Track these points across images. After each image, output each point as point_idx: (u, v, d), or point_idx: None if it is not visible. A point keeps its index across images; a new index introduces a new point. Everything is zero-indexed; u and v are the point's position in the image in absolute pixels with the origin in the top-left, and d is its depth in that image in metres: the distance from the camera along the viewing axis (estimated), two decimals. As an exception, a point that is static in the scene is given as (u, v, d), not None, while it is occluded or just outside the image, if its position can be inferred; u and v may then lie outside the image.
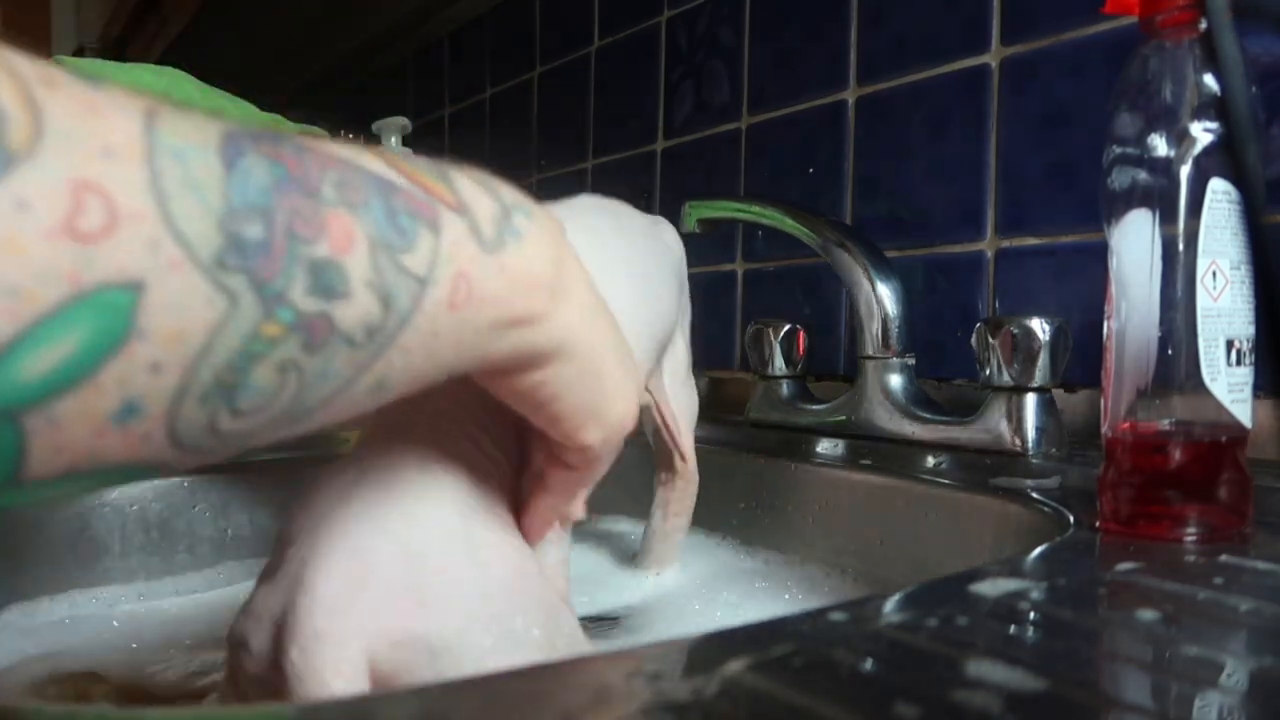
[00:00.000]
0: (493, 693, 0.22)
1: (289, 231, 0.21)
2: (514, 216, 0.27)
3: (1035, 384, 0.59)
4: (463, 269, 0.24)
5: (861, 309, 0.68)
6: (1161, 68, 0.36)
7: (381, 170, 0.24)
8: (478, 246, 0.25)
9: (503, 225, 0.26)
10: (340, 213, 0.22)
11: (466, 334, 0.25)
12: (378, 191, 0.23)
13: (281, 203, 0.21)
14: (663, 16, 1.02)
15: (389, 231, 0.23)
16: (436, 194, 0.25)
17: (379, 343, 0.23)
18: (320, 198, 0.22)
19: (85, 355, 0.18)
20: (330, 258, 0.21)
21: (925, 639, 0.25)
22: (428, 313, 0.24)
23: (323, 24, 1.45)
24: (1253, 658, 0.25)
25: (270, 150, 0.21)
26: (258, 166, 0.20)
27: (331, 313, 0.22)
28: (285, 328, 0.21)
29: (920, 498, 0.54)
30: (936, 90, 0.75)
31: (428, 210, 0.24)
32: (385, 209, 0.23)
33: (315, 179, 0.22)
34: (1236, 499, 0.36)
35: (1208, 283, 0.36)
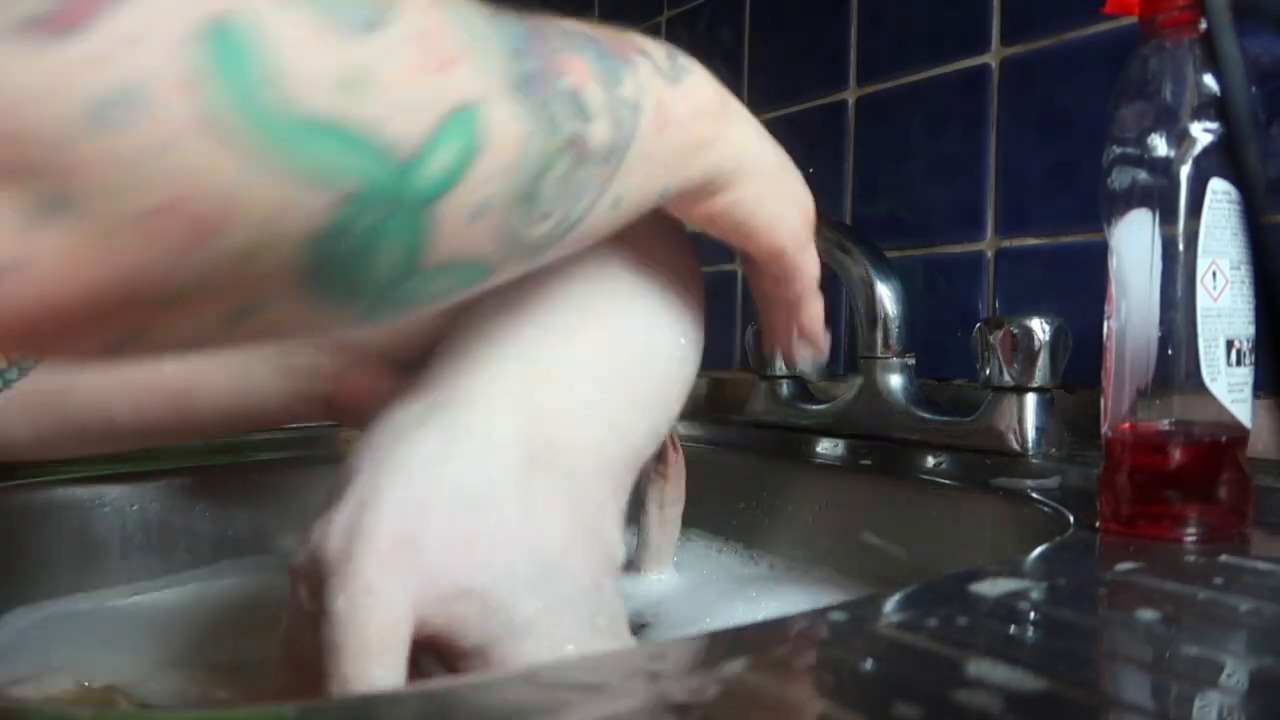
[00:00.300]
0: (492, 692, 0.22)
1: (549, 68, 0.25)
2: (679, 58, 0.32)
3: (1035, 384, 0.59)
4: (659, 98, 0.30)
5: (861, 309, 0.68)
6: (1161, 68, 0.36)
7: (579, 26, 0.28)
8: (664, 80, 0.30)
9: (674, 63, 0.32)
10: (572, 54, 0.27)
11: (671, 155, 0.31)
12: (587, 38, 0.28)
13: (537, 47, 0.25)
14: (663, 16, 1.02)
15: (605, 68, 0.28)
16: (621, 42, 0.30)
17: (614, 162, 0.28)
18: (556, 44, 0.26)
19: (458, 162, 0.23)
20: (576, 89, 0.26)
21: (925, 639, 0.25)
22: (643, 135, 0.29)
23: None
24: (1253, 658, 0.25)
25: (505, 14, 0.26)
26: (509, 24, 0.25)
27: (585, 133, 0.26)
28: (561, 144, 0.25)
29: (920, 498, 0.54)
30: (936, 90, 0.75)
31: (623, 51, 0.29)
32: (598, 52, 0.28)
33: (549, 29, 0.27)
34: (1236, 499, 0.36)
35: (1208, 283, 0.36)
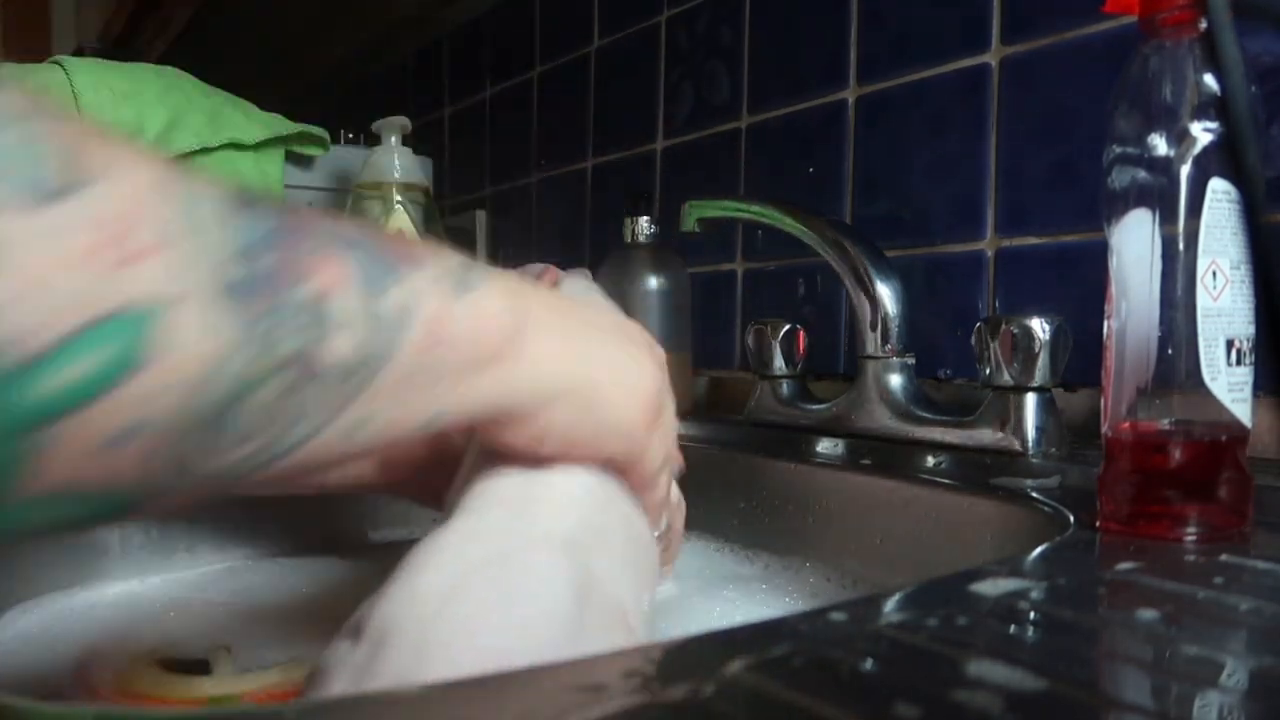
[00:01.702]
0: (493, 692, 0.22)
1: (283, 272, 0.22)
2: (471, 272, 0.29)
3: (1035, 383, 0.59)
4: (434, 312, 0.26)
5: (861, 308, 0.68)
6: (1162, 67, 0.36)
7: (355, 234, 0.26)
8: (445, 293, 0.27)
9: (464, 275, 0.28)
10: (328, 256, 0.24)
11: (444, 377, 0.27)
12: (356, 247, 0.25)
13: (281, 246, 0.23)
14: (662, 16, 1.02)
15: (369, 274, 0.25)
16: (401, 251, 0.27)
17: (358, 381, 0.24)
18: (311, 244, 0.24)
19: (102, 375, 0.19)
20: (319, 296, 0.23)
21: (925, 639, 0.24)
22: (404, 353, 0.25)
23: (323, 24, 1.45)
24: (1253, 657, 0.25)
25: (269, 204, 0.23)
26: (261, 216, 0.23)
27: (319, 349, 0.23)
28: (276, 362, 0.22)
29: (920, 497, 0.54)
30: (936, 90, 0.75)
31: (402, 260, 0.26)
32: (368, 255, 0.25)
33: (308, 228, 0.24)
34: (1237, 498, 0.36)
35: (1208, 282, 0.36)
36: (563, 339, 0.31)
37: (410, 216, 0.92)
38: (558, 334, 0.31)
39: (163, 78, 0.89)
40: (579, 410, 0.31)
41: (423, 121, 1.42)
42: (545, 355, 0.30)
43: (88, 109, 0.81)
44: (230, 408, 0.21)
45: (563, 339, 0.31)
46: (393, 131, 0.95)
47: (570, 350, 0.31)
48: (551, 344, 0.31)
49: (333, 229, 0.25)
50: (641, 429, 0.34)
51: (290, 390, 0.23)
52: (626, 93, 1.07)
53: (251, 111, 0.95)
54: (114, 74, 0.85)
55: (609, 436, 0.33)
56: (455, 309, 0.27)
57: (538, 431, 0.31)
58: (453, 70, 1.39)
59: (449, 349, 0.27)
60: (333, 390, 0.24)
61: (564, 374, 0.31)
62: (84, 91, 0.82)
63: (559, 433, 0.31)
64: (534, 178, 1.21)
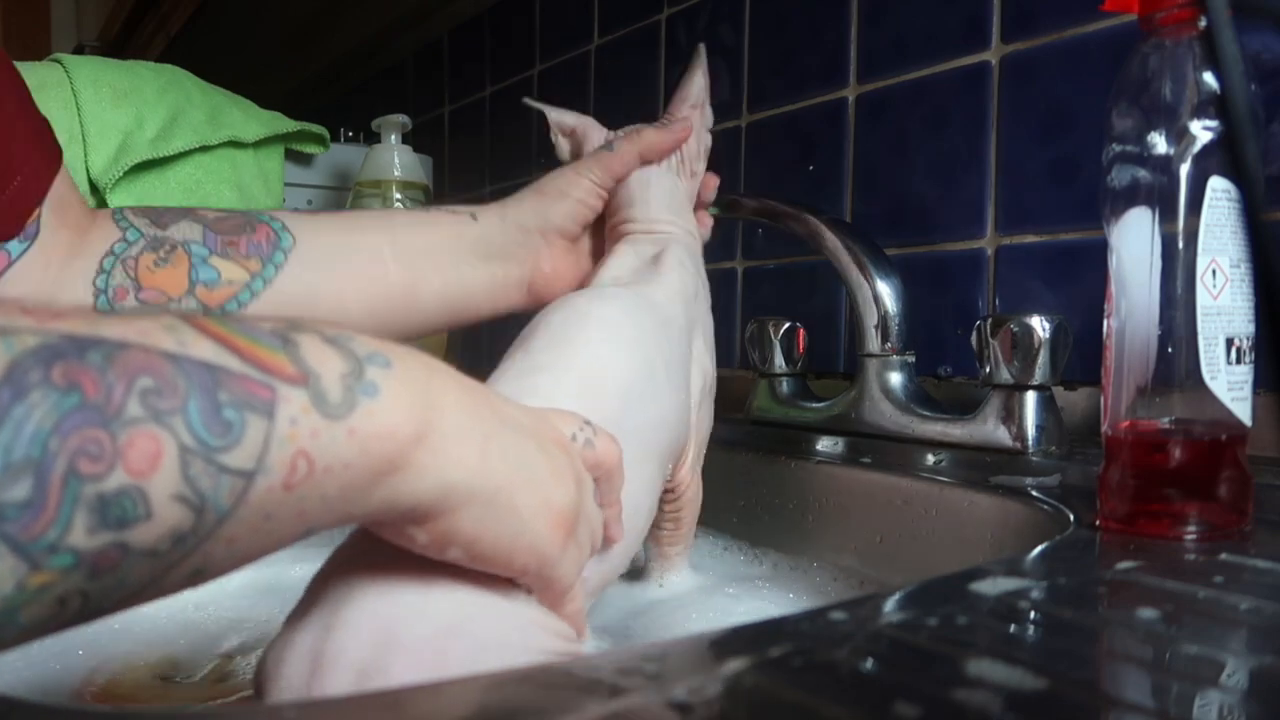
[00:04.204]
0: (492, 692, 0.22)
1: (70, 473, 0.20)
2: (367, 371, 0.25)
3: (1035, 382, 0.59)
4: (302, 447, 0.23)
5: (861, 306, 0.68)
6: (1161, 65, 0.36)
7: (211, 356, 0.22)
8: (321, 416, 0.24)
9: (352, 384, 0.24)
10: (145, 429, 0.21)
11: (312, 504, 0.24)
12: (200, 389, 0.22)
13: (64, 445, 0.20)
14: (663, 14, 1.01)
15: (209, 432, 0.22)
16: (274, 369, 0.23)
17: (190, 545, 0.22)
18: (121, 419, 0.20)
19: None
20: (126, 485, 0.20)
21: (925, 639, 0.24)
22: (255, 502, 0.23)
23: (323, 22, 1.45)
24: (1253, 656, 0.25)
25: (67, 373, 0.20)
26: (40, 406, 0.19)
27: (125, 539, 0.21)
28: (60, 571, 0.20)
29: (920, 496, 0.54)
30: (936, 88, 0.75)
31: (262, 392, 0.23)
32: (207, 407, 0.22)
33: (119, 397, 0.21)
34: (1237, 497, 0.36)
35: (1208, 281, 0.36)
36: (474, 443, 0.28)
37: (410, 215, 0.92)
38: (469, 437, 0.28)
39: (162, 76, 0.89)
40: (485, 520, 0.28)
41: (423, 120, 1.42)
42: (450, 463, 0.27)
43: (87, 107, 0.81)
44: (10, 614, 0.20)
45: (474, 443, 0.28)
46: (392, 129, 0.95)
47: (481, 456, 0.28)
48: (459, 449, 0.27)
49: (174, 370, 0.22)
50: (554, 545, 0.31)
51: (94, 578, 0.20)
52: (627, 91, 1.07)
53: (251, 109, 0.95)
54: (113, 72, 0.85)
55: (518, 550, 0.29)
56: (336, 432, 0.24)
57: (438, 539, 0.28)
58: (453, 69, 1.39)
59: (323, 476, 0.24)
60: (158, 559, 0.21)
61: (471, 482, 0.27)
62: (83, 90, 0.82)
63: (463, 542, 0.28)
64: (534, 176, 1.21)
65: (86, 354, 0.21)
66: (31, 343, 0.20)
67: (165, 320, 0.23)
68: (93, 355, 0.21)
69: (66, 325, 0.21)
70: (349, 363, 0.25)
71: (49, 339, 0.20)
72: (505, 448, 0.29)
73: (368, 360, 0.25)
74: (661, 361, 0.45)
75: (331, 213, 0.58)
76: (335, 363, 0.25)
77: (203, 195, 0.86)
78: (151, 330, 0.22)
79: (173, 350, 0.22)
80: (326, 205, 1.04)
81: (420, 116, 1.41)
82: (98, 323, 0.22)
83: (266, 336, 0.24)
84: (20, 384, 0.19)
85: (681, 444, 0.48)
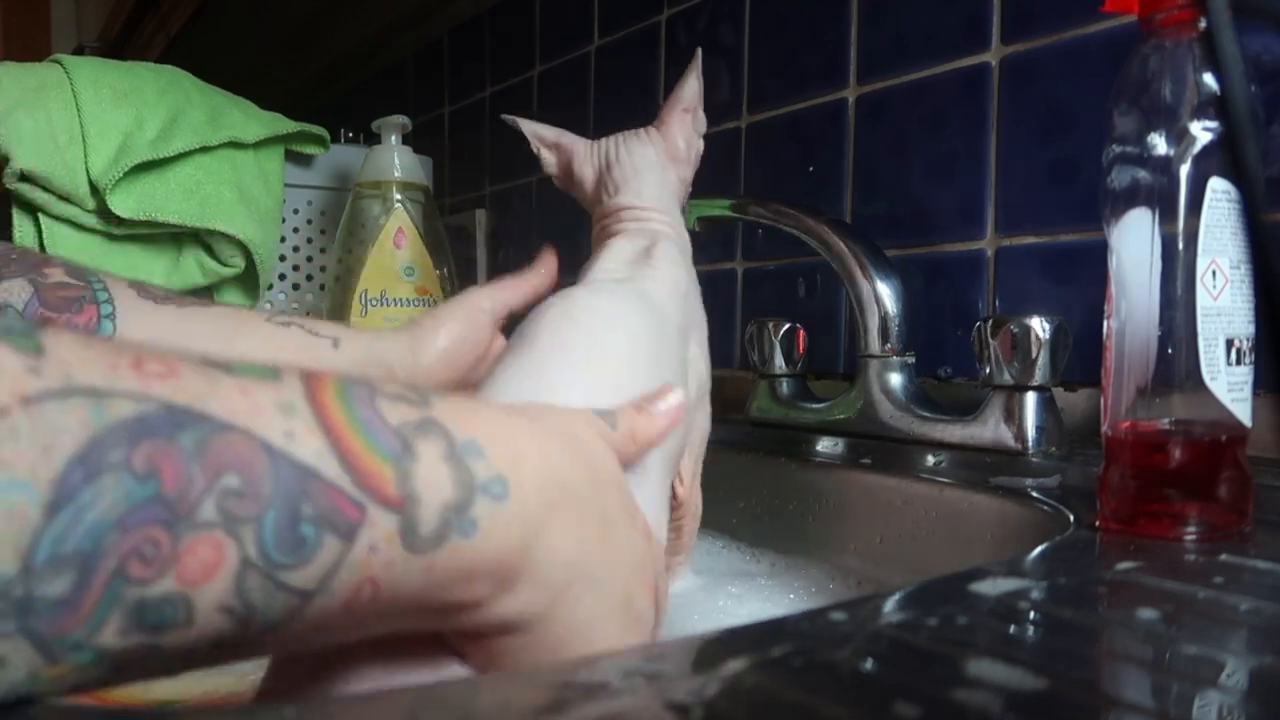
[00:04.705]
0: (493, 692, 0.22)
1: (117, 575, 0.18)
2: (475, 505, 0.23)
3: (1035, 383, 0.59)
4: (373, 575, 0.21)
5: (861, 307, 0.68)
6: (1161, 66, 0.36)
7: (313, 459, 0.20)
8: (404, 548, 0.21)
9: (452, 519, 0.22)
10: (212, 536, 0.19)
11: (369, 621, 0.22)
12: (285, 497, 0.20)
13: (120, 543, 0.18)
14: (663, 15, 1.02)
15: (278, 549, 0.20)
16: (374, 485, 0.21)
17: (226, 649, 0.20)
18: (190, 520, 0.18)
19: None
20: (172, 592, 0.18)
21: (925, 639, 0.24)
22: (310, 619, 0.21)
23: (322, 23, 1.45)
24: (1253, 657, 0.25)
25: (150, 458, 0.18)
26: (108, 494, 0.17)
27: (158, 642, 0.19)
28: (78, 666, 0.18)
29: (920, 497, 0.54)
30: (936, 89, 0.75)
31: (349, 512, 0.21)
32: (286, 518, 0.20)
33: (197, 494, 0.19)
34: (1237, 498, 0.36)
35: (1208, 281, 0.36)
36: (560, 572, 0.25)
37: (410, 215, 0.92)
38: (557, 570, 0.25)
39: (162, 77, 0.89)
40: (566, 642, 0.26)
41: (423, 120, 1.42)
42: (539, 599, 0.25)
43: (87, 108, 0.81)
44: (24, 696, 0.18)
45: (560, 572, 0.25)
46: (393, 130, 0.95)
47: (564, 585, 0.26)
48: (546, 582, 0.25)
49: (266, 469, 0.19)
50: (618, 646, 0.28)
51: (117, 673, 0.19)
52: (627, 92, 1.07)
53: (251, 110, 0.95)
54: (113, 73, 0.85)
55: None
56: (413, 564, 0.22)
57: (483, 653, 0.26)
58: (453, 69, 1.39)
59: (387, 603, 0.22)
60: (184, 660, 0.20)
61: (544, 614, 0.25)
62: (83, 90, 0.82)
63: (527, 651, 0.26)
64: (534, 177, 1.21)
65: (180, 435, 0.19)
66: (126, 413, 0.18)
67: (285, 395, 0.21)
68: (186, 438, 0.19)
69: (171, 391, 0.19)
70: (460, 492, 0.23)
71: (146, 409, 0.18)
72: (596, 578, 0.27)
73: (483, 490, 0.23)
74: (665, 357, 0.44)
75: (182, 304, 0.51)
76: (445, 490, 0.22)
77: (203, 196, 0.86)
78: (265, 409, 0.20)
79: (276, 444, 0.20)
80: (327, 206, 1.04)
81: (420, 117, 1.41)
82: (212, 387, 0.20)
83: (387, 438, 0.22)
84: (96, 465, 0.17)
85: (682, 447, 0.48)
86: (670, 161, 0.56)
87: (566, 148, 0.57)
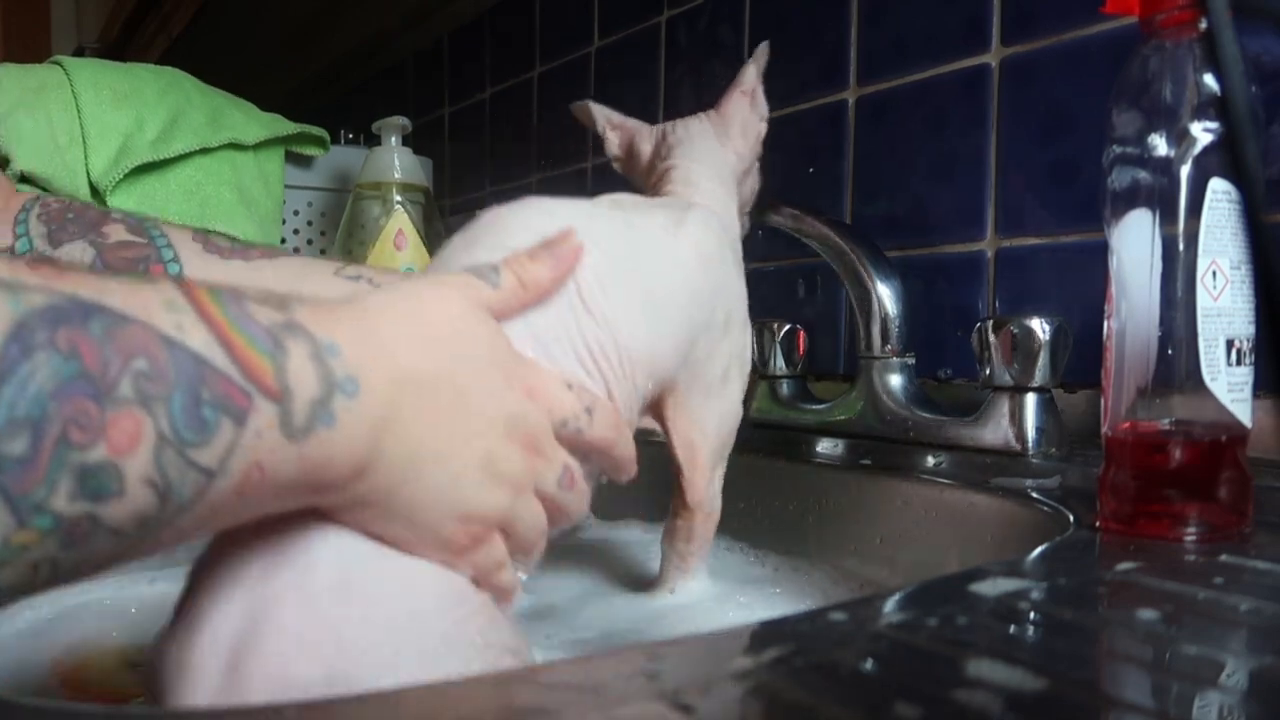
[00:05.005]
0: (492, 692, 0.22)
1: (61, 439, 0.20)
2: (334, 400, 0.26)
3: (1035, 384, 0.59)
4: (260, 459, 0.24)
5: (861, 308, 0.68)
6: (1161, 67, 0.36)
7: (203, 348, 0.23)
8: (282, 435, 0.24)
9: (318, 411, 0.25)
10: (130, 412, 0.21)
11: (250, 507, 0.25)
12: (186, 381, 0.22)
13: (60, 410, 0.20)
14: (663, 16, 1.02)
15: (186, 426, 0.22)
16: (257, 377, 0.24)
17: (150, 529, 0.23)
18: (112, 396, 0.21)
19: None
20: (106, 460, 0.21)
21: (925, 639, 0.24)
22: (211, 500, 0.23)
23: (322, 24, 1.45)
24: (1253, 657, 0.25)
25: (70, 340, 0.21)
26: (43, 368, 0.20)
27: (98, 512, 0.21)
28: (40, 532, 0.21)
29: (920, 497, 0.54)
30: (936, 90, 0.75)
31: (240, 400, 0.23)
32: (189, 402, 0.22)
33: (114, 374, 0.21)
34: (1237, 498, 0.36)
35: (1208, 282, 0.36)
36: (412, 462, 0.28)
37: (410, 216, 0.92)
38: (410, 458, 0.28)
39: (162, 78, 0.89)
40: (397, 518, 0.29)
41: (423, 121, 1.42)
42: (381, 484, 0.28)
43: (87, 109, 0.81)
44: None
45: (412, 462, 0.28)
46: (393, 131, 0.95)
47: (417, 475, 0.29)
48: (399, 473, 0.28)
49: (168, 356, 0.22)
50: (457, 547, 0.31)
51: (66, 548, 0.21)
52: (627, 93, 1.07)
53: (251, 111, 0.95)
54: (113, 74, 0.85)
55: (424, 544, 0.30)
56: (289, 452, 0.25)
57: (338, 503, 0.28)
58: (453, 70, 1.39)
59: (268, 488, 0.25)
60: (121, 538, 0.22)
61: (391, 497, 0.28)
62: (83, 92, 0.82)
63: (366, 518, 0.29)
64: (534, 178, 1.21)
65: (90, 322, 0.21)
66: (39, 302, 0.21)
67: (166, 295, 0.23)
68: (95, 325, 0.21)
69: (72, 286, 0.21)
70: (322, 387, 0.25)
71: (55, 300, 0.21)
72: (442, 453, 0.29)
73: (339, 388, 0.26)
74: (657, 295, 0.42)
75: (248, 256, 0.52)
76: (311, 385, 0.25)
77: (203, 197, 0.86)
78: (153, 306, 0.23)
79: (170, 334, 0.23)
80: (327, 207, 1.04)
81: (420, 118, 1.41)
82: (103, 288, 0.22)
83: (261, 336, 0.24)
84: (27, 343, 0.20)
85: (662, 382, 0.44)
86: (725, 139, 0.56)
87: (631, 129, 0.59)
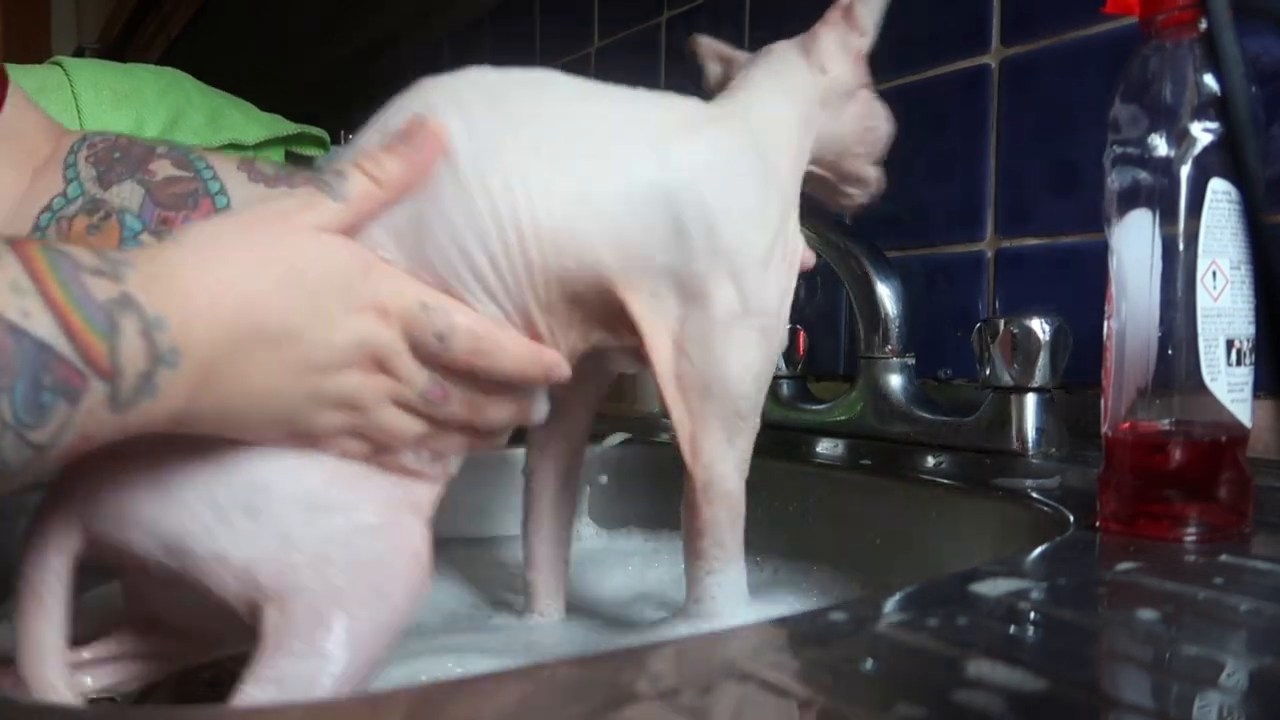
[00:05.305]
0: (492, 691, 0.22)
1: None
2: (158, 374, 0.28)
3: (1035, 384, 0.59)
4: (88, 432, 0.26)
5: (862, 309, 0.68)
6: (1162, 67, 0.36)
7: (47, 335, 0.25)
8: (109, 410, 0.27)
9: (143, 385, 0.27)
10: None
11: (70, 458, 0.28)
12: (30, 370, 0.25)
13: None
14: (663, 17, 1.02)
15: (25, 412, 0.25)
16: (94, 359, 0.26)
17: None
18: None
19: None
20: None
21: (925, 639, 0.24)
22: (38, 467, 0.26)
23: (323, 24, 1.45)
24: (1253, 657, 0.25)
25: None
26: None
27: None
28: None
29: (920, 498, 0.54)
30: (937, 90, 0.75)
31: (76, 382, 0.26)
32: (30, 388, 0.25)
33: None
34: (1236, 498, 0.36)
35: (1208, 282, 0.36)
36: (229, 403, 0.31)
37: (410, 217, 0.92)
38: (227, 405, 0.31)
39: (162, 78, 0.89)
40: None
41: (423, 122, 1.42)
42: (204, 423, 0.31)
43: (87, 110, 0.81)
44: None
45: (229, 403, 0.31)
46: (393, 132, 0.94)
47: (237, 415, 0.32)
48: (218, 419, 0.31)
49: (17, 345, 0.24)
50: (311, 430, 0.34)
51: None
52: (626, 93, 1.07)
53: (251, 112, 0.95)
54: (113, 75, 0.85)
55: None
56: (112, 425, 0.27)
57: None
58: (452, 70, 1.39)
59: (91, 447, 0.28)
60: None
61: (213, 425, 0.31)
62: (83, 92, 0.82)
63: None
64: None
65: None
66: None
67: (11, 274, 0.25)
68: None
69: None
70: (149, 363, 0.27)
71: None
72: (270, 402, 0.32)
73: (163, 360, 0.28)
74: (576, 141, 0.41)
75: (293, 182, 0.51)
76: (139, 362, 0.27)
77: (203, 197, 0.85)
78: (2, 291, 0.24)
79: (16, 322, 0.24)
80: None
81: (420, 119, 1.41)
82: None
83: (98, 315, 0.26)
84: None
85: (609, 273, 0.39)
86: (812, 54, 0.55)
87: (733, 60, 0.58)
